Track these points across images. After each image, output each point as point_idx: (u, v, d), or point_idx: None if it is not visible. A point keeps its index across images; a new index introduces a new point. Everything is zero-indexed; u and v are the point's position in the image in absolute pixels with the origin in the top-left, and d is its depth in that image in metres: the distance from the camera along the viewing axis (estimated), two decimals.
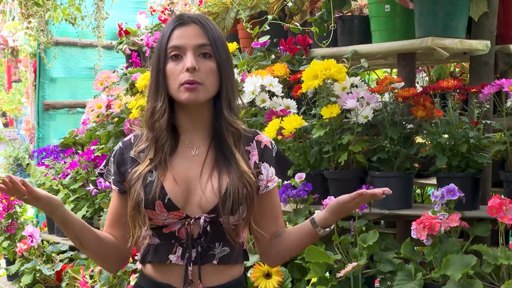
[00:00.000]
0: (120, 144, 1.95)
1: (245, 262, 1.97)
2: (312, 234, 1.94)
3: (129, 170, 1.88)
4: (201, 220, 1.83)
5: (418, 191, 4.05)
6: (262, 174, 1.93)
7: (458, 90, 2.79)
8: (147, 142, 1.88)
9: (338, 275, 2.55)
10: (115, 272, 3.23)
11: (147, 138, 1.88)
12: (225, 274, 1.88)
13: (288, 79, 3.25)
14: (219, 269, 1.87)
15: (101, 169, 1.96)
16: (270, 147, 1.97)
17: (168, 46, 1.84)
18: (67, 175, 4.13)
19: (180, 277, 1.85)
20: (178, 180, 1.84)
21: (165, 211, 1.82)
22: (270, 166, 1.95)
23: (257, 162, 1.93)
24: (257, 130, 2.01)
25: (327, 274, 2.61)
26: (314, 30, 3.29)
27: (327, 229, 1.93)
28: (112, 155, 1.94)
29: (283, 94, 3.18)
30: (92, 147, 4.14)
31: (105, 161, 1.96)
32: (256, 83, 3.13)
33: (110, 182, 1.94)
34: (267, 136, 2.00)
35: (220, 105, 1.87)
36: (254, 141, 1.95)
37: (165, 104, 1.85)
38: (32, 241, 3.83)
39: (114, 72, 4.53)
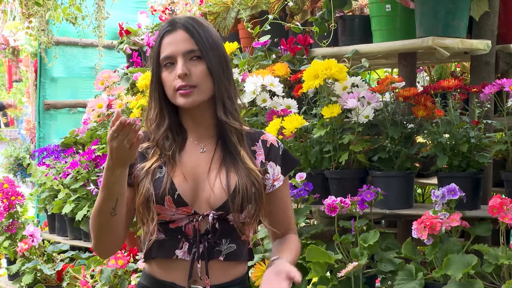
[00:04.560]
0: None
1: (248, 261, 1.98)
2: None
3: (138, 165, 1.89)
4: (210, 217, 1.84)
5: (419, 190, 4.05)
6: (268, 173, 1.95)
7: (459, 90, 2.79)
8: (153, 143, 1.91)
9: (339, 274, 2.55)
10: (105, 258, 3.20)
11: (153, 139, 1.91)
12: (230, 272, 1.89)
13: (289, 78, 3.25)
14: (225, 266, 1.88)
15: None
16: (277, 146, 1.98)
17: (161, 58, 1.88)
18: (68, 175, 4.13)
19: (185, 274, 1.85)
20: (187, 177, 1.86)
21: (174, 207, 1.84)
22: (276, 165, 1.96)
23: (264, 161, 1.95)
24: (262, 130, 2.03)
25: (328, 273, 2.61)
26: (315, 30, 3.29)
27: None
28: None
29: (284, 94, 3.18)
30: (93, 147, 4.14)
31: None
32: (257, 83, 3.13)
33: None
34: (272, 135, 2.02)
35: (217, 108, 1.90)
36: (260, 140, 1.97)
37: (157, 112, 1.90)
38: (33, 241, 3.83)
39: (115, 71, 4.53)
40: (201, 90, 1.86)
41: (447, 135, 2.79)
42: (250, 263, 2.68)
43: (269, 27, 3.54)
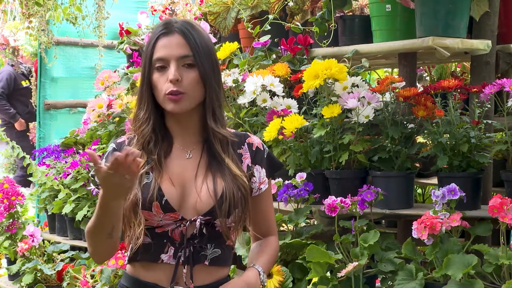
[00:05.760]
0: (113, 145, 1.95)
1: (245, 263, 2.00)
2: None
3: None
4: (197, 223, 1.85)
5: (419, 190, 4.05)
6: (254, 176, 1.97)
7: (459, 90, 2.79)
8: (138, 146, 1.90)
9: (339, 274, 2.55)
10: (101, 263, 3.20)
11: (138, 143, 1.91)
12: (214, 274, 1.91)
13: (289, 78, 3.25)
14: (210, 269, 1.90)
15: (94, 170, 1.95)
16: (262, 149, 2.00)
17: (153, 59, 1.87)
18: (68, 175, 4.13)
19: (168, 276, 1.87)
20: (174, 182, 1.86)
21: (162, 212, 1.84)
22: (262, 168, 1.98)
23: (250, 165, 1.97)
24: (247, 133, 2.04)
25: (328, 273, 2.61)
26: (315, 30, 3.28)
27: None
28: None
29: (284, 94, 3.18)
30: (93, 147, 4.14)
31: None
32: (257, 83, 3.13)
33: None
34: (257, 138, 2.03)
35: (205, 114, 1.90)
36: (246, 144, 1.98)
37: (147, 113, 1.89)
38: (33, 241, 3.83)
39: (115, 71, 4.53)
40: (191, 97, 1.85)
41: (447, 135, 2.79)
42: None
43: (269, 27, 3.54)
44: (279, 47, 3.59)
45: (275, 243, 2.05)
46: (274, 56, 3.60)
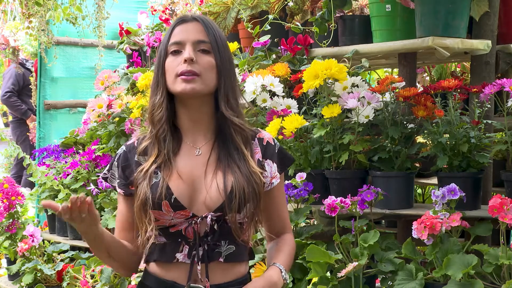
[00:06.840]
0: (123, 148, 1.96)
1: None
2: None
3: (135, 172, 1.89)
4: (208, 219, 1.84)
5: (419, 190, 4.06)
6: (266, 171, 1.95)
7: (459, 90, 2.79)
8: (150, 139, 1.90)
9: (339, 274, 2.55)
10: (129, 276, 3.23)
11: (150, 134, 1.90)
12: (231, 272, 1.90)
13: (289, 78, 3.25)
14: (226, 266, 1.88)
15: (104, 173, 1.97)
16: (273, 144, 1.98)
17: (169, 43, 1.87)
18: (68, 175, 4.13)
19: (185, 275, 1.86)
20: (183, 179, 1.86)
21: (172, 211, 1.84)
22: (273, 163, 1.97)
23: (261, 159, 1.95)
24: (258, 128, 2.03)
25: (328, 273, 2.61)
26: (315, 30, 3.29)
27: None
28: (115, 159, 1.95)
29: (284, 94, 3.18)
30: (93, 147, 4.14)
31: (108, 165, 1.97)
32: (257, 83, 3.13)
33: (115, 186, 1.95)
34: (268, 133, 2.02)
35: (219, 103, 1.88)
36: (256, 138, 1.97)
37: (163, 97, 1.87)
38: (33, 241, 3.83)
39: (115, 71, 4.53)
40: (203, 80, 1.84)
41: (447, 135, 2.79)
42: (250, 263, 2.69)
43: (269, 27, 3.54)
44: (279, 47, 3.59)
45: (291, 241, 2.03)
46: (274, 56, 3.60)
